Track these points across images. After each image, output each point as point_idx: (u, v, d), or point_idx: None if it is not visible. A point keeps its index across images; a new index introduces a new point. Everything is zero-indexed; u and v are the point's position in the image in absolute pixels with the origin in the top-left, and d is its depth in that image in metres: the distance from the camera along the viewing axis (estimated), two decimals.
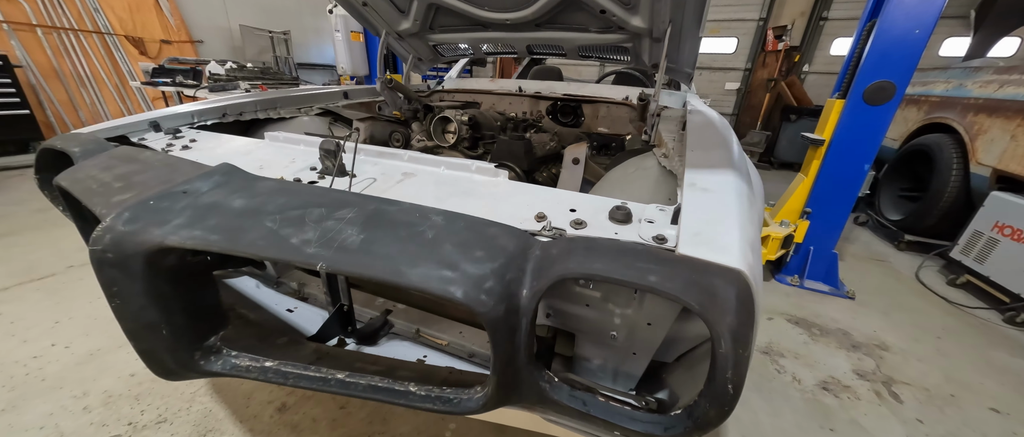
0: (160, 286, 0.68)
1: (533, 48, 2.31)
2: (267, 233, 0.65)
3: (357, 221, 0.68)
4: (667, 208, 0.83)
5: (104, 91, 6.06)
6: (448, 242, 0.65)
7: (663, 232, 0.73)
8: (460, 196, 0.95)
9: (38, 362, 1.68)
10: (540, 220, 0.82)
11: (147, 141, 1.34)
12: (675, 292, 0.52)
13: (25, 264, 2.46)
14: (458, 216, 0.70)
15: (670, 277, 0.53)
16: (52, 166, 1.23)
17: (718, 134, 1.20)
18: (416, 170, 1.08)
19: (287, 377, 0.78)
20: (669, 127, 1.68)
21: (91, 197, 0.80)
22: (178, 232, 0.65)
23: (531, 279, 0.62)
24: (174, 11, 6.77)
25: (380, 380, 0.77)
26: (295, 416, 1.52)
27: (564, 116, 2.49)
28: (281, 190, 0.75)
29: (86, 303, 2.10)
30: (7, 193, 3.73)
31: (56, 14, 5.55)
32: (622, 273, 0.55)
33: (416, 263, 0.61)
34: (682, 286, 0.52)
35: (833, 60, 7.14)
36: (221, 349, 0.80)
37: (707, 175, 0.84)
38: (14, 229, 2.96)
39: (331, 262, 0.62)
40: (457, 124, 1.63)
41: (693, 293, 0.51)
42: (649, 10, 1.59)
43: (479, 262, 0.62)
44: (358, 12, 2.23)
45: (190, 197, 0.71)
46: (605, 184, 1.35)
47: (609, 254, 0.59)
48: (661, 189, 1.15)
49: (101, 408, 1.49)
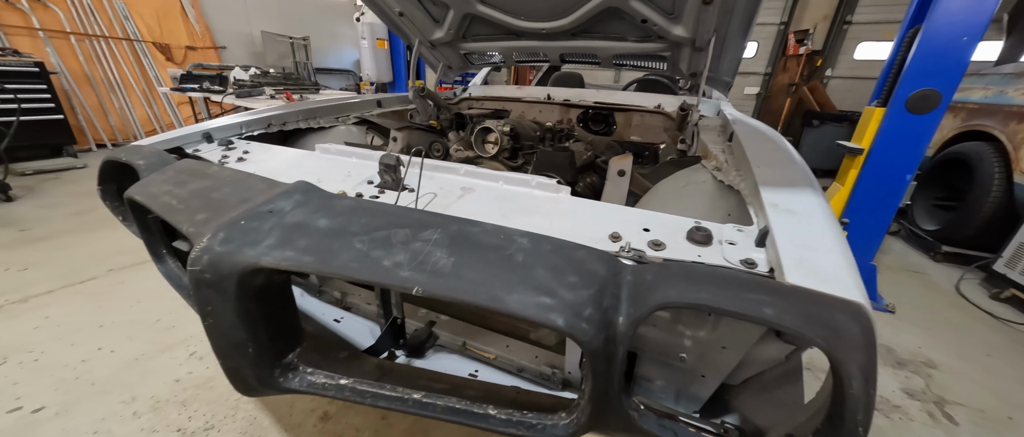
0: (249, 305, 0.68)
1: (566, 56, 2.30)
2: (358, 255, 0.65)
3: (443, 243, 0.68)
4: (745, 229, 0.81)
5: (132, 96, 6.23)
6: (539, 266, 0.64)
7: (751, 256, 0.71)
8: (524, 213, 0.94)
9: (86, 366, 1.72)
10: (615, 240, 0.81)
11: (201, 152, 1.36)
12: (795, 327, 0.50)
13: (66, 268, 2.53)
14: (543, 238, 0.69)
15: (788, 310, 0.51)
16: (114, 178, 1.26)
17: (779, 147, 1.18)
18: (474, 185, 1.08)
19: (364, 396, 0.78)
20: (712, 138, 1.66)
21: (173, 214, 0.81)
22: (271, 253, 0.65)
23: (627, 306, 0.61)
24: (199, 18, 6.95)
25: (459, 402, 0.77)
26: (338, 426, 1.53)
27: (595, 124, 2.47)
28: (360, 209, 0.75)
29: (127, 307, 2.15)
30: (43, 197, 3.85)
31: (89, 22, 5.73)
32: (733, 304, 0.53)
33: (511, 289, 0.61)
34: (802, 320, 0.50)
35: (858, 65, 7.00)
36: (297, 366, 0.80)
37: (786, 195, 0.82)
38: (53, 233, 3.04)
39: (426, 286, 0.61)
40: (498, 134, 1.63)
41: (816, 328, 0.50)
42: (694, 20, 1.57)
43: (574, 288, 0.61)
44: (392, 21, 2.25)
45: (275, 217, 0.72)
46: (654, 198, 1.33)
47: (714, 283, 0.57)
48: (718, 205, 1.12)
49: (150, 414, 1.51)
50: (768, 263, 0.68)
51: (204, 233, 0.70)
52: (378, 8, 2.13)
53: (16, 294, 2.20)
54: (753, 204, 0.89)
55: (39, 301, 2.16)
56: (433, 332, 1.32)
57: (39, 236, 2.96)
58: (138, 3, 6.18)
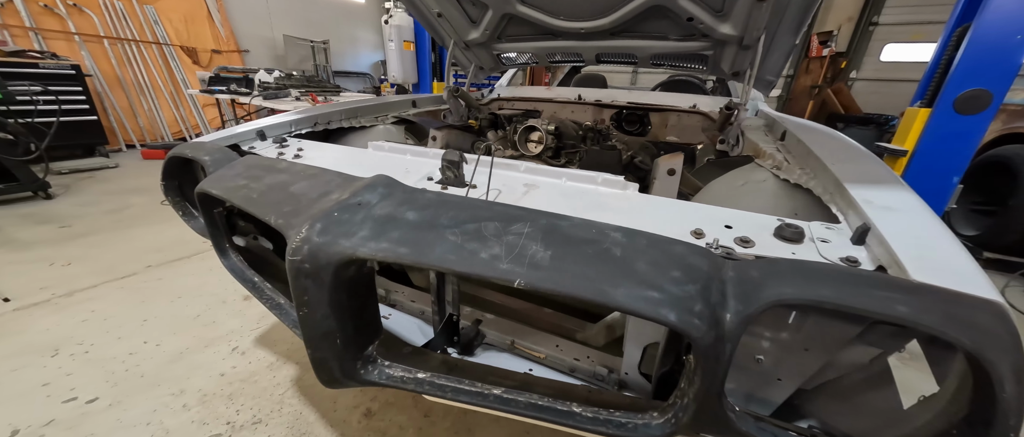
0: (340, 296, 0.69)
1: (602, 56, 2.29)
2: (453, 247, 0.65)
3: (535, 236, 0.67)
4: (834, 226, 0.79)
5: (160, 98, 6.40)
6: (640, 261, 0.63)
7: (851, 254, 0.69)
8: (595, 209, 0.93)
9: (135, 359, 1.76)
10: (699, 237, 0.79)
11: (256, 149, 1.38)
12: (935, 326, 0.48)
13: (106, 264, 2.60)
14: (638, 233, 0.68)
15: (925, 309, 0.49)
16: (177, 174, 1.29)
17: (849, 145, 1.15)
18: (537, 181, 1.07)
19: (444, 390, 0.78)
20: (760, 137, 1.63)
21: (255, 206, 0.82)
22: (366, 244, 0.65)
23: (735, 303, 0.59)
24: (225, 22, 7.12)
25: (540, 399, 0.76)
26: (381, 422, 1.53)
27: (629, 125, 2.45)
28: (446, 203, 0.75)
29: (167, 303, 2.19)
30: (80, 195, 3.96)
31: (121, 26, 5.91)
32: (861, 302, 0.51)
33: (616, 282, 0.60)
34: (942, 320, 0.48)
35: (884, 67, 6.85)
36: (376, 359, 0.80)
37: (878, 192, 0.79)
38: (92, 229, 3.13)
39: (528, 279, 0.61)
40: (543, 133, 1.62)
41: (959, 328, 0.47)
42: (744, 17, 1.55)
43: (680, 283, 0.59)
44: (429, 22, 2.27)
45: (364, 209, 0.72)
46: (710, 197, 1.31)
47: (835, 279, 0.55)
48: (783, 204, 1.10)
49: (199, 407, 1.53)
50: (874, 261, 0.66)
51: (296, 224, 0.70)
52: (416, 9, 2.15)
53: (62, 288, 2.26)
54: (836, 202, 0.86)
55: (84, 295, 2.22)
56: (480, 330, 1.31)
57: (79, 233, 3.04)
58: (167, 8, 6.36)
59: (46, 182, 3.70)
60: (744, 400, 0.98)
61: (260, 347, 1.87)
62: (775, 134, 1.62)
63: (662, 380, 0.88)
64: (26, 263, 2.54)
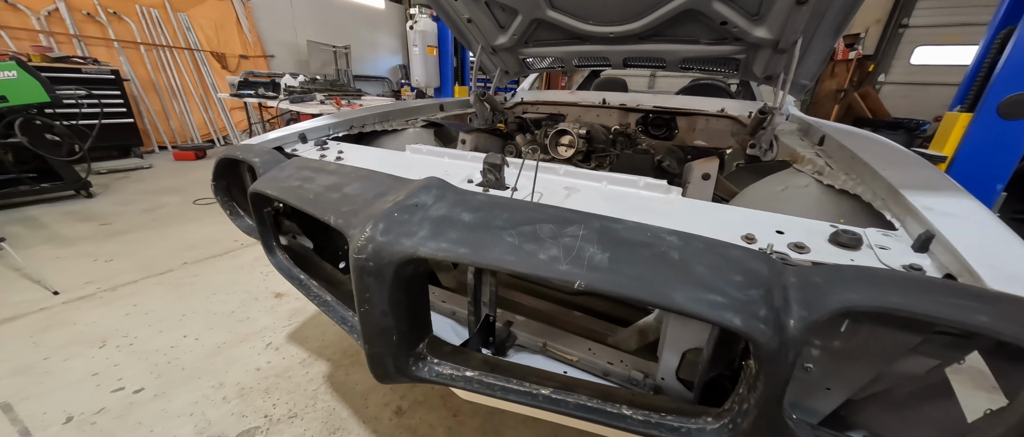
0: (399, 294, 0.71)
1: (629, 60, 2.29)
2: (511, 248, 0.66)
3: (591, 238, 0.68)
4: (892, 233, 0.78)
5: (191, 101, 6.65)
6: (698, 264, 0.63)
7: (914, 261, 0.68)
8: (640, 213, 0.94)
9: (176, 352, 1.83)
10: (750, 242, 0.79)
11: (298, 151, 1.43)
12: (1021, 337, 0.47)
13: (145, 260, 2.71)
14: (693, 236, 0.68)
15: (1008, 319, 0.48)
16: (226, 174, 1.34)
17: (898, 149, 1.13)
18: (577, 185, 1.08)
19: (493, 389, 0.79)
20: (796, 141, 1.60)
21: (312, 205, 0.85)
22: (427, 244, 0.67)
23: (799, 309, 0.59)
24: (252, 28, 7.37)
25: (590, 400, 0.76)
26: (412, 420, 1.55)
27: (655, 128, 2.44)
28: (498, 204, 0.77)
29: (204, 299, 2.27)
30: (117, 194, 4.14)
31: (156, 33, 6.18)
32: (937, 311, 0.51)
33: (677, 285, 0.60)
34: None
35: (915, 70, 6.62)
36: (426, 356, 0.82)
37: (937, 198, 0.78)
38: (129, 227, 3.27)
39: (588, 281, 0.62)
40: (574, 137, 1.63)
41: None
42: (782, 21, 1.53)
43: (742, 288, 0.59)
44: (458, 27, 2.31)
45: (422, 210, 0.74)
46: (748, 202, 1.29)
47: (906, 287, 0.55)
48: (827, 209, 1.08)
49: (237, 399, 1.58)
50: (940, 269, 0.65)
51: (358, 224, 0.72)
52: (446, 15, 2.19)
53: (106, 283, 2.37)
54: (890, 208, 0.85)
55: (126, 290, 2.32)
56: (512, 332, 1.32)
57: (118, 230, 3.18)
58: (199, 15, 6.62)
59: (88, 181, 3.89)
60: (791, 409, 0.96)
61: (292, 343, 1.92)
62: (812, 138, 1.59)
63: (708, 386, 0.87)
64: (72, 258, 2.67)
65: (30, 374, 1.65)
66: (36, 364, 1.71)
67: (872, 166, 0.99)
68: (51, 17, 5.24)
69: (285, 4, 7.96)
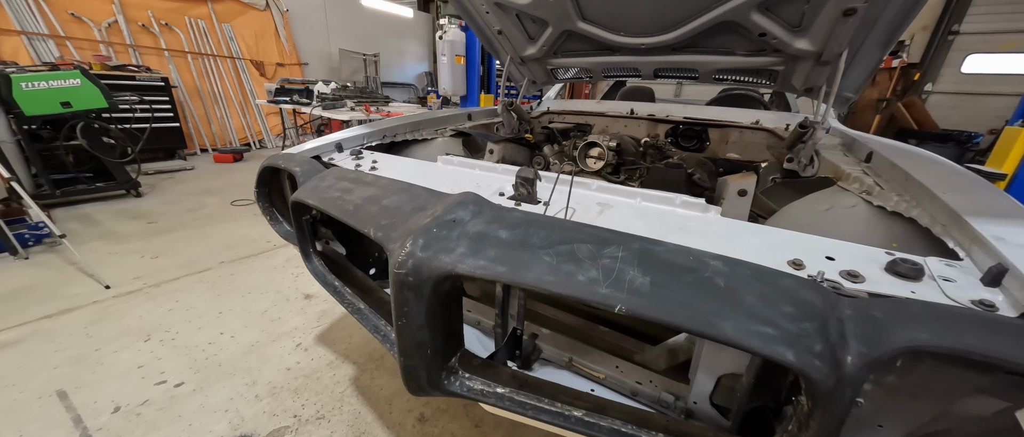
0: (436, 309, 0.71)
1: (660, 71, 2.25)
2: (549, 268, 0.66)
3: (631, 261, 0.67)
4: (955, 263, 0.73)
5: (231, 107, 7.02)
6: (745, 292, 0.61)
7: (985, 297, 0.63)
8: (677, 233, 0.91)
9: (213, 348, 1.91)
10: (798, 268, 0.75)
11: (335, 160, 1.48)
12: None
13: (187, 258, 2.85)
14: (740, 262, 0.66)
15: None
16: (268, 182, 1.40)
17: (958, 171, 1.06)
18: (610, 201, 1.07)
19: (524, 408, 0.78)
20: (838, 157, 1.53)
21: (352, 217, 0.88)
22: (465, 261, 0.68)
23: (858, 345, 0.55)
24: (289, 38, 7.72)
25: (624, 425, 0.75)
26: (434, 428, 1.56)
27: (686, 140, 2.39)
28: (535, 222, 0.76)
29: (240, 298, 2.36)
30: (162, 194, 4.40)
31: (202, 42, 6.57)
32: (1020, 356, 0.47)
33: (725, 315, 0.58)
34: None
35: (966, 79, 6.22)
36: (458, 370, 0.82)
37: (1010, 227, 0.72)
38: (174, 226, 3.46)
39: (629, 306, 0.60)
40: (604, 149, 1.62)
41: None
42: (825, 33, 1.47)
43: (795, 320, 0.57)
44: (488, 39, 2.34)
45: (459, 226, 0.75)
46: (788, 221, 1.24)
47: (980, 327, 0.51)
48: (878, 233, 1.02)
49: (269, 398, 1.64)
50: (1015, 307, 0.60)
51: (397, 238, 0.74)
52: (477, 26, 2.23)
53: (152, 279, 2.51)
54: (952, 235, 0.79)
55: (170, 286, 2.45)
56: (537, 345, 1.31)
57: (164, 229, 3.37)
58: (241, 26, 7.00)
59: (137, 182, 4.15)
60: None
61: (321, 345, 1.98)
62: (857, 155, 1.51)
63: (748, 415, 0.84)
64: (122, 254, 2.85)
65: (83, 364, 1.77)
66: (89, 354, 1.83)
67: (930, 188, 0.93)
68: (111, 29, 5.67)
69: (320, 14, 8.31)
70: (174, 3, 6.18)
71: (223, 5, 6.73)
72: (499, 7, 2.01)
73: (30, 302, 2.19)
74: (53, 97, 3.42)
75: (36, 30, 5.02)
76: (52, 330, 1.98)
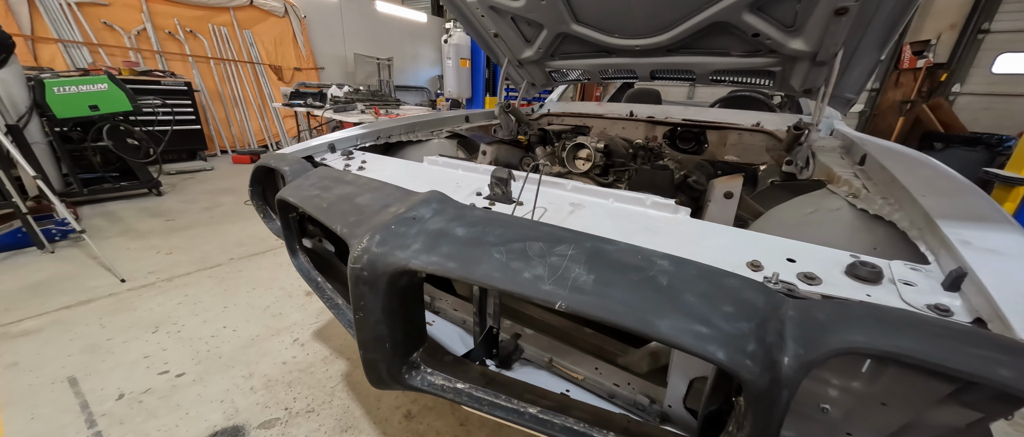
0: (393, 303, 0.74)
1: (657, 73, 2.24)
2: (499, 265, 0.67)
3: (579, 259, 0.68)
4: (921, 268, 0.70)
5: (250, 110, 7.28)
6: (688, 292, 0.61)
7: (941, 301, 0.61)
8: (645, 234, 0.91)
9: (215, 341, 1.99)
10: (756, 269, 0.74)
11: (327, 160, 1.53)
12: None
13: (200, 254, 2.98)
14: (687, 262, 0.66)
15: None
16: (261, 180, 1.46)
17: (945, 174, 1.02)
18: (583, 201, 1.07)
19: (481, 403, 0.80)
20: (835, 160, 1.49)
21: (325, 214, 0.91)
22: (419, 257, 0.70)
23: (795, 346, 0.55)
24: (306, 43, 7.96)
25: (577, 424, 0.75)
26: (420, 425, 1.58)
27: (684, 142, 2.36)
28: (493, 221, 0.78)
29: (245, 293, 2.45)
30: (182, 193, 4.59)
31: (224, 48, 6.84)
32: (952, 361, 0.46)
33: (662, 313, 0.58)
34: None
35: (997, 80, 5.92)
36: (420, 365, 0.84)
37: (980, 231, 0.70)
38: (190, 224, 3.61)
39: (569, 302, 0.61)
40: (591, 151, 1.62)
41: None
42: (819, 33, 1.44)
43: (732, 319, 0.56)
44: (485, 41, 2.37)
45: (419, 223, 0.77)
46: (772, 225, 1.22)
47: (916, 330, 0.50)
48: (860, 237, 0.99)
49: (263, 390, 1.69)
50: (970, 312, 0.58)
51: (358, 234, 0.77)
52: (474, 29, 2.27)
53: (165, 274, 2.63)
54: (925, 239, 0.77)
55: (181, 281, 2.56)
56: (519, 345, 1.32)
57: (181, 226, 3.52)
58: (261, 32, 7.26)
59: (159, 181, 4.35)
60: None
61: (317, 340, 2.03)
62: (853, 157, 1.47)
63: (710, 419, 0.83)
64: (140, 250, 2.99)
65: (95, 352, 1.87)
66: (101, 344, 1.93)
67: (910, 191, 0.90)
68: (139, 36, 5.97)
69: (336, 20, 8.54)
70: (199, 11, 6.46)
71: (244, 12, 6.99)
72: (494, 10, 2.04)
73: (52, 293, 2.33)
74: (82, 101, 3.64)
75: (71, 38, 5.33)
76: (70, 320, 2.10)
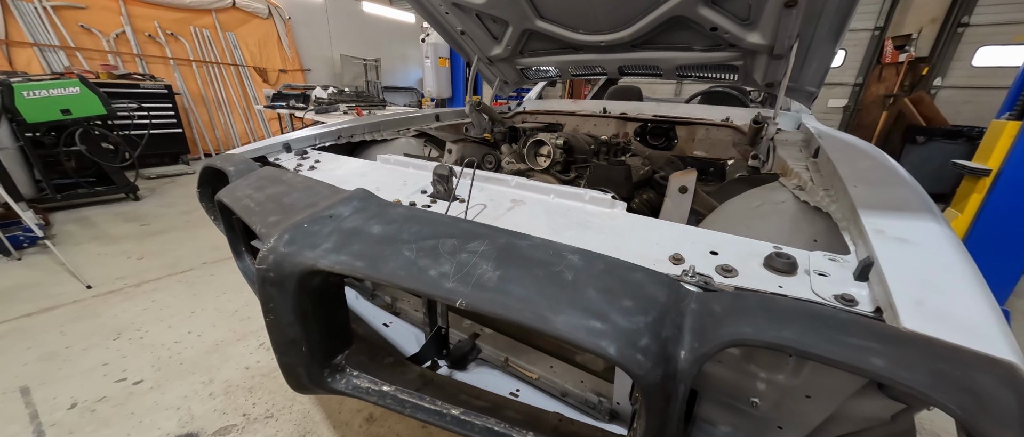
0: (305, 304, 0.72)
1: (625, 69, 2.23)
2: (406, 263, 0.65)
3: (490, 255, 0.66)
4: (840, 258, 0.69)
5: (234, 113, 7.20)
6: (590, 286, 0.59)
7: (848, 291, 0.60)
8: (577, 229, 0.90)
9: (178, 347, 1.95)
10: (677, 263, 0.73)
11: (281, 160, 1.50)
12: (917, 386, 0.40)
13: (172, 259, 2.93)
14: (596, 256, 0.64)
15: (906, 364, 0.41)
16: (210, 182, 1.43)
17: (881, 165, 1.01)
18: (525, 197, 1.06)
19: (404, 406, 0.78)
20: (792, 153, 1.48)
21: (250, 215, 0.89)
22: (327, 256, 0.68)
23: (691, 339, 0.53)
24: (292, 45, 7.89)
25: (497, 423, 0.73)
26: (381, 429, 1.56)
27: (654, 138, 2.35)
28: (413, 218, 0.76)
29: (214, 298, 2.41)
30: (162, 197, 4.53)
31: (207, 51, 6.77)
32: (827, 350, 0.44)
33: (559, 309, 0.56)
34: (928, 379, 0.40)
35: (978, 73, 5.98)
36: (345, 368, 0.82)
37: (896, 220, 0.69)
38: (166, 228, 3.56)
39: (470, 299, 0.59)
40: (551, 147, 1.60)
41: (949, 392, 0.39)
42: (773, 25, 1.44)
43: (629, 314, 0.55)
44: (454, 39, 2.35)
45: (335, 221, 0.75)
46: (722, 218, 1.21)
47: (802, 320, 0.48)
48: (801, 229, 0.99)
49: (223, 396, 1.66)
50: (874, 302, 0.57)
51: (272, 234, 0.74)
52: (441, 27, 2.24)
53: (134, 279, 2.59)
54: (849, 230, 0.76)
55: (150, 286, 2.52)
56: (476, 345, 1.30)
57: (156, 231, 3.47)
58: (245, 34, 7.18)
59: (136, 185, 4.29)
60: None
61: None
62: (809, 150, 1.47)
63: None
64: (110, 255, 2.94)
65: (52, 360, 1.83)
66: (59, 352, 1.89)
67: (845, 181, 0.89)
68: (119, 39, 5.89)
69: (322, 21, 8.48)
70: (180, 13, 6.38)
71: (227, 14, 6.92)
72: (457, 7, 2.02)
73: (15, 301, 2.28)
74: (53, 105, 3.57)
75: (48, 42, 5.24)
76: (29, 328, 2.05)
